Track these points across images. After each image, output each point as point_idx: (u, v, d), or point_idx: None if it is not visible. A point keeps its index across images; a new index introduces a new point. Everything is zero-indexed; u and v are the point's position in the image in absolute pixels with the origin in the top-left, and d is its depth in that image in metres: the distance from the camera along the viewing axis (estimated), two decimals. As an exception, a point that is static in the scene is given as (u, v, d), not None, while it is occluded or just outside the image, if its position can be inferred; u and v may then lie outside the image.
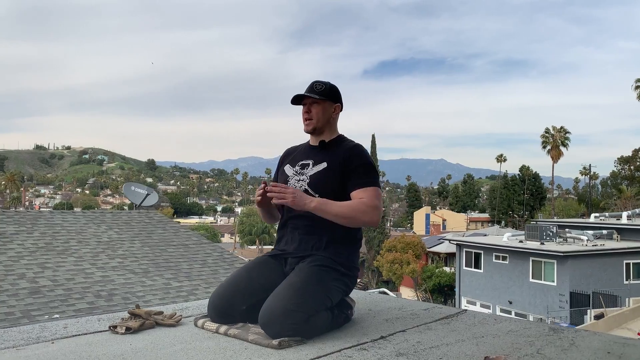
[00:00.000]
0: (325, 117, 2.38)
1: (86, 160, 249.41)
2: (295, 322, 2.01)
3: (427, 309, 2.77)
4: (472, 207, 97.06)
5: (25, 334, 2.11)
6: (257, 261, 2.40)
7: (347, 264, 2.29)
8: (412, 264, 33.12)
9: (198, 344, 2.03)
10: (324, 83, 2.40)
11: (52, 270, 7.40)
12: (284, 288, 2.09)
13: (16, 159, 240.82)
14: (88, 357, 1.84)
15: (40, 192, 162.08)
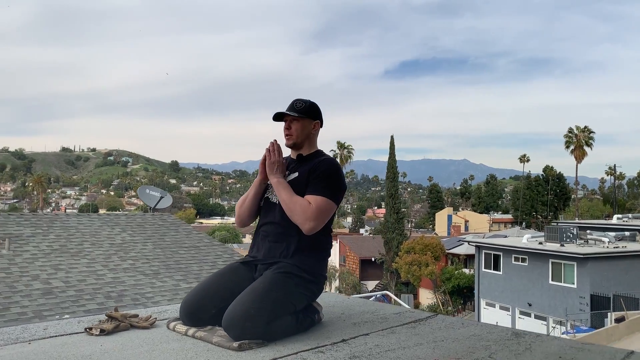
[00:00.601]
0: (304, 133, 2.52)
1: (111, 162, 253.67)
2: (255, 326, 2.12)
3: (398, 313, 2.85)
4: (495, 208, 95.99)
5: (6, 335, 2.25)
6: (228, 267, 2.52)
7: (312, 271, 2.39)
8: (430, 266, 32.97)
9: (164, 345, 2.15)
10: (304, 101, 2.54)
11: (64, 272, 7.64)
12: (246, 293, 2.20)
13: (43, 161, 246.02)
14: (58, 357, 1.97)
15: (66, 193, 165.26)
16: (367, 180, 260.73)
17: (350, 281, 40.60)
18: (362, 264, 44.07)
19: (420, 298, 37.97)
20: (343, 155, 70.09)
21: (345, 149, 70.58)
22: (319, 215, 2.31)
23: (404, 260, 33.93)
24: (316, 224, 2.31)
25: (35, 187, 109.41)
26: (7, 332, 2.30)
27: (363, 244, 46.70)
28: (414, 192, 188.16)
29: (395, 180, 43.35)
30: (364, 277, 43.75)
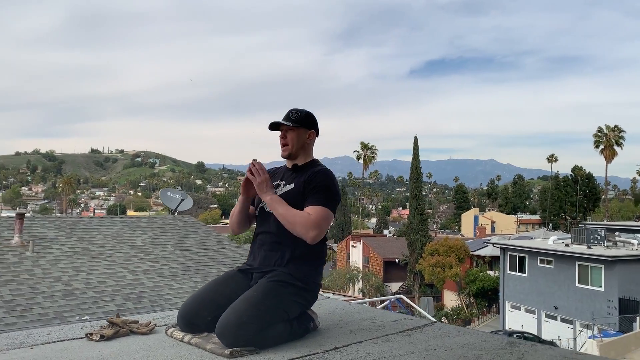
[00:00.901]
0: (299, 143, 2.55)
1: (139, 163, 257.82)
2: (248, 333, 2.17)
3: (397, 320, 2.86)
4: (522, 209, 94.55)
5: (10, 339, 2.35)
6: (225, 275, 2.57)
7: (306, 279, 2.42)
8: (454, 268, 32.67)
9: (160, 351, 2.21)
10: (299, 111, 2.57)
11: (85, 274, 7.82)
12: (240, 301, 2.25)
13: (73, 163, 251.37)
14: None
15: (95, 194, 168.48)
16: (392, 181, 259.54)
17: (374, 282, 40.46)
18: (386, 265, 43.88)
19: (445, 300, 37.65)
20: (367, 155, 69.97)
21: (369, 149, 70.44)
22: (320, 225, 2.35)
23: (428, 262, 33.69)
24: (318, 232, 2.35)
25: (65, 188, 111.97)
26: (13, 336, 2.39)
27: (386, 245, 46.51)
28: (440, 193, 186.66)
29: (419, 181, 43.09)
30: (387, 278, 43.57)
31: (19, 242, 8.24)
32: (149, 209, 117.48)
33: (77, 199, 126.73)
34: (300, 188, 2.47)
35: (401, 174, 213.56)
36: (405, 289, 42.11)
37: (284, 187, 2.52)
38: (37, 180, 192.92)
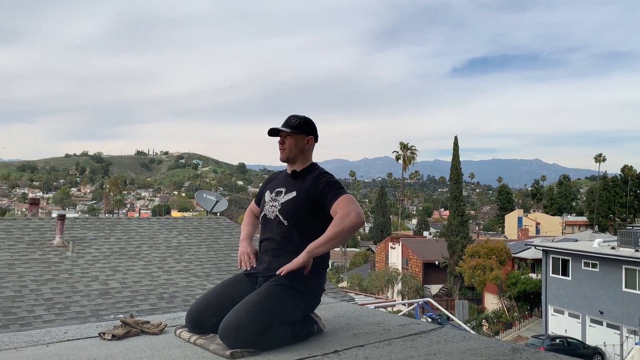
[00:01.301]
0: (297, 148, 2.61)
1: (182, 165, 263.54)
2: (247, 335, 2.24)
3: (404, 324, 2.88)
4: (568, 210, 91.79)
5: (29, 337, 2.49)
6: (233, 278, 2.66)
7: (307, 283, 2.47)
8: (495, 270, 32.03)
9: (166, 351, 2.31)
10: (299, 117, 2.62)
11: (122, 273, 8.10)
12: (241, 304, 2.33)
13: (119, 164, 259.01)
14: (67, 359, 2.17)
15: (141, 195, 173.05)
16: (434, 181, 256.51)
17: (413, 284, 40.12)
18: (425, 267, 43.44)
19: (486, 303, 36.97)
20: (406, 156, 69.38)
21: (408, 149, 69.83)
22: (350, 211, 2.36)
23: (468, 264, 33.16)
24: (356, 216, 2.35)
25: (112, 189, 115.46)
26: (32, 334, 2.54)
27: (426, 247, 46.04)
28: (483, 194, 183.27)
29: (459, 182, 42.49)
30: (427, 280, 43.13)
31: (60, 242, 8.60)
32: (192, 209, 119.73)
33: (124, 200, 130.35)
34: (302, 195, 2.52)
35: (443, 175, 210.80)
36: (445, 292, 41.57)
37: (286, 194, 2.58)
38: (85, 182, 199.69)
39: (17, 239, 8.55)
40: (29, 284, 7.14)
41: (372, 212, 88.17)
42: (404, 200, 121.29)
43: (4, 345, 2.36)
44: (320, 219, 2.47)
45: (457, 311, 16.60)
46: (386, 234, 61.09)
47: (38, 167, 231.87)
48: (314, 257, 2.39)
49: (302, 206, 2.51)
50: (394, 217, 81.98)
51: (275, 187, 2.67)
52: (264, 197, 2.70)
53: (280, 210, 2.55)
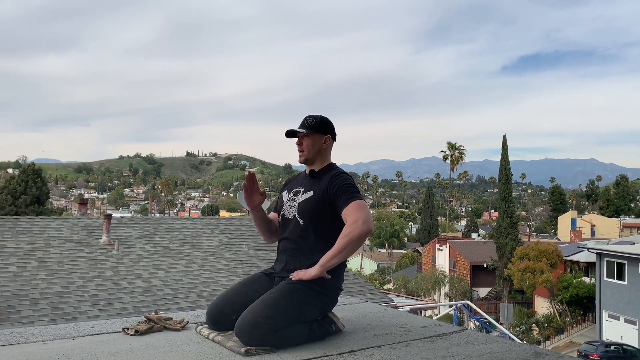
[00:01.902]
0: (315, 148, 2.62)
1: (230, 166, 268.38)
2: (262, 333, 2.26)
3: (426, 326, 2.83)
4: (626, 212, 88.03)
5: (58, 330, 2.59)
6: (251, 277, 2.68)
7: (324, 284, 2.47)
8: (546, 273, 31.04)
9: (184, 347, 2.35)
10: (314, 117, 2.62)
11: (164, 272, 8.31)
12: (257, 302, 2.35)
13: (171, 166, 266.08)
14: (90, 352, 2.25)
15: (191, 195, 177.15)
16: (483, 182, 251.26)
17: (460, 287, 39.40)
18: (473, 269, 42.56)
19: (536, 307, 35.89)
20: (454, 156, 68.21)
21: (456, 149, 68.62)
22: (359, 219, 2.36)
23: (517, 266, 32.28)
24: (365, 223, 2.35)
25: (163, 190, 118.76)
26: (60, 328, 2.64)
27: (474, 249, 45.11)
28: (535, 195, 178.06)
29: (509, 182, 41.43)
30: (475, 283, 42.25)
31: (107, 241, 8.90)
32: (240, 209, 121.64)
33: (175, 200, 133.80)
34: (319, 195, 2.52)
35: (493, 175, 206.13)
36: (494, 295, 40.62)
37: (304, 194, 2.58)
38: (138, 182, 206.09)
39: (66, 237, 8.91)
40: (76, 281, 7.43)
41: (419, 213, 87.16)
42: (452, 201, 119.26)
43: (33, 338, 2.46)
44: (336, 220, 2.46)
45: (501, 315, 16.11)
46: (433, 235, 60.26)
47: (94, 169, 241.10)
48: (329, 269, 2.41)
49: (319, 205, 2.51)
50: (441, 219, 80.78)
51: (294, 187, 2.68)
52: (282, 197, 2.71)
53: (298, 209, 2.56)
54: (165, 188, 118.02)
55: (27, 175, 36.87)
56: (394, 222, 63.24)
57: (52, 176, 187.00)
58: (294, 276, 2.38)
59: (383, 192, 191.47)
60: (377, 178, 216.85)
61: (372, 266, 55.34)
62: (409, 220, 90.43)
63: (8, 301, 6.77)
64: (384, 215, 66.62)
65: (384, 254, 62.17)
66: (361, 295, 8.66)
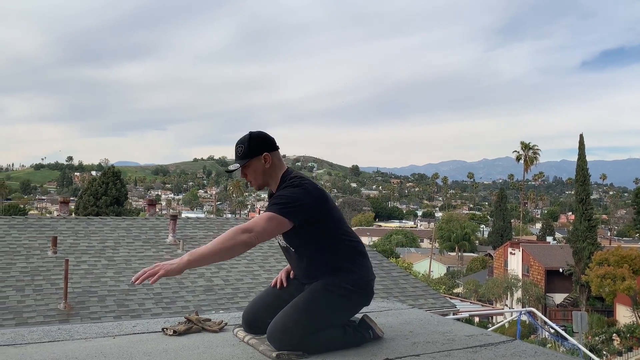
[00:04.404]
0: (259, 173, 2.43)
1: (299, 168, 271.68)
2: (293, 338, 2.21)
3: (471, 335, 2.69)
4: None
5: (101, 329, 2.66)
6: (287, 280, 2.65)
7: (355, 282, 2.38)
8: (628, 280, 29.17)
9: (218, 349, 2.35)
10: (242, 143, 2.40)
11: (226, 271, 8.48)
12: (288, 306, 2.31)
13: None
14: (127, 351, 2.29)
15: (260, 197, 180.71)
16: (560, 183, 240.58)
17: (534, 293, 37.83)
18: (548, 274, 40.73)
19: (617, 316, 33.82)
20: (527, 156, 65.58)
21: (530, 149, 65.92)
22: (250, 228, 2.18)
23: (595, 272, 30.54)
24: (251, 237, 2.17)
25: (235, 191, 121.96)
26: (103, 326, 2.71)
27: (549, 253, 43.17)
28: (617, 196, 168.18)
29: (586, 183, 39.30)
30: (550, 289, 40.43)
31: (173, 240, 9.20)
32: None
33: (245, 201, 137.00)
34: None
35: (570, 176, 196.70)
36: (570, 301, 38.68)
37: None
38: (211, 184, 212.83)
39: (134, 237, 9.29)
40: (142, 279, 7.72)
41: (491, 215, 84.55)
42: (527, 203, 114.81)
43: (77, 335, 2.54)
44: (312, 227, 2.33)
45: (574, 323, 15.16)
46: (506, 238, 58.16)
47: (170, 171, 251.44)
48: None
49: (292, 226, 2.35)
50: (515, 221, 77.93)
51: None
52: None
53: (282, 237, 2.44)
54: (237, 189, 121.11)
55: (107, 177, 38.85)
56: (464, 225, 61.67)
57: (132, 178, 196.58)
58: (155, 271, 2.13)
59: (453, 194, 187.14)
60: (447, 179, 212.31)
61: (442, 269, 54.18)
62: (480, 223, 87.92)
63: (79, 297, 7.14)
64: (454, 218, 65.10)
65: (454, 257, 60.75)
66: (422, 299, 8.45)
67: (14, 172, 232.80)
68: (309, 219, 2.30)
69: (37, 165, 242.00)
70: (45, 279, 7.46)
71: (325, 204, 2.37)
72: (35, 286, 7.26)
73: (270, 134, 2.52)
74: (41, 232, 9.05)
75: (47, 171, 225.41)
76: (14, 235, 8.75)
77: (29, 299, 6.88)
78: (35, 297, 6.97)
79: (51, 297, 7.00)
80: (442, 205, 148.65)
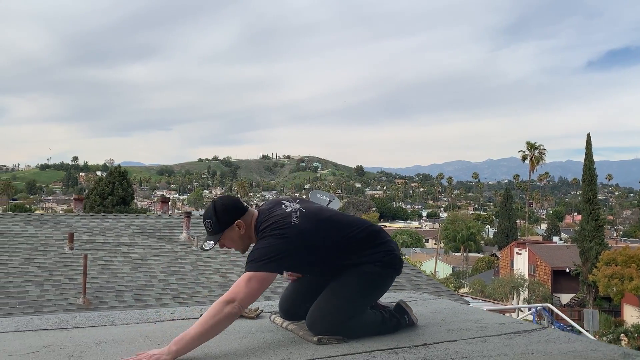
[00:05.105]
0: (237, 240, 2.38)
1: (303, 168, 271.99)
2: (332, 324, 2.27)
3: (503, 323, 2.74)
4: None
5: (141, 315, 2.72)
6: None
7: (381, 259, 2.42)
8: (635, 280, 29.12)
9: (259, 334, 2.41)
10: (210, 218, 2.30)
11: (240, 267, 8.54)
12: (325, 292, 2.37)
13: (246, 168, 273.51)
14: (170, 335, 2.34)
15: (265, 196, 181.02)
16: (566, 184, 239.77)
17: (541, 293, 37.78)
18: (555, 274, 40.70)
19: (625, 316, 33.74)
20: (533, 156, 65.49)
21: (536, 149, 65.84)
22: (231, 299, 2.12)
23: (603, 272, 30.50)
24: (235, 307, 2.12)
25: (239, 191, 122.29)
26: (143, 313, 2.77)
27: (556, 253, 43.12)
28: (623, 197, 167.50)
29: (593, 183, 39.21)
30: (556, 289, 40.38)
31: (187, 237, 9.27)
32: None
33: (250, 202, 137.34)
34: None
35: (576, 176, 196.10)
36: (577, 302, 38.60)
37: None
38: (216, 184, 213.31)
39: (149, 234, 9.36)
40: (158, 275, 7.79)
41: (496, 216, 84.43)
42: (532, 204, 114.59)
43: (119, 321, 2.60)
44: (313, 256, 2.34)
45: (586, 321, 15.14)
46: (512, 238, 58.06)
47: (174, 171, 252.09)
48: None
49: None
50: (520, 222, 77.78)
51: None
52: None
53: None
54: (241, 189, 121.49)
55: (114, 177, 38.98)
56: (469, 225, 61.61)
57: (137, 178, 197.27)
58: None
59: (458, 194, 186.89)
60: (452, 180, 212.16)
61: (447, 270, 54.15)
62: (485, 223, 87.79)
63: (97, 292, 7.22)
64: (459, 218, 65.04)
65: (460, 257, 60.68)
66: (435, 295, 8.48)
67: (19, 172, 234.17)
68: (300, 259, 2.29)
69: (43, 165, 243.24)
70: (63, 275, 7.55)
71: (311, 236, 2.27)
72: (53, 281, 7.36)
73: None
74: (57, 229, 9.15)
75: (53, 171, 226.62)
76: (30, 232, 8.86)
77: (48, 294, 6.97)
78: (54, 291, 7.06)
79: (70, 292, 7.09)
80: (446, 206, 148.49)
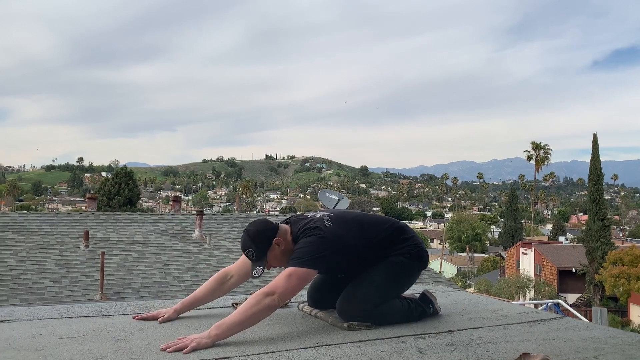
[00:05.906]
0: (280, 257, 2.50)
1: (307, 168, 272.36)
2: (361, 311, 2.38)
3: (523, 312, 2.84)
4: None
5: (163, 305, 2.84)
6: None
7: (408, 252, 2.56)
8: (642, 280, 29.09)
9: (290, 321, 2.53)
10: (249, 247, 2.44)
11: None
12: (355, 281, 2.48)
13: (250, 168, 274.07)
14: (206, 323, 2.46)
15: (269, 197, 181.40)
16: (571, 184, 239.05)
17: (547, 292, 37.78)
18: (561, 274, 40.67)
19: (631, 315, 33.68)
20: (539, 156, 65.42)
21: (542, 149, 65.76)
22: (272, 291, 2.25)
23: (610, 272, 30.48)
24: (275, 299, 2.24)
25: (244, 192, 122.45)
26: (171, 302, 2.89)
27: (562, 253, 43.08)
28: (629, 197, 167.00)
29: (600, 183, 39.17)
30: (562, 289, 40.34)
31: (199, 235, 9.39)
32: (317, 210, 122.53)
33: (254, 202, 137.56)
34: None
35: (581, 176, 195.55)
36: (583, 301, 38.56)
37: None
38: (220, 185, 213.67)
39: (162, 232, 9.49)
40: (172, 272, 7.91)
41: (501, 216, 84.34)
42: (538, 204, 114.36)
43: (154, 309, 2.72)
44: (345, 255, 2.45)
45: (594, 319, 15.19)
46: (517, 239, 58.04)
47: (179, 172, 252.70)
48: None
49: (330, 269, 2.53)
50: (526, 222, 77.66)
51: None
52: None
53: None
54: (246, 190, 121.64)
55: (120, 178, 39.22)
56: (475, 225, 61.57)
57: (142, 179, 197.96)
58: (186, 344, 2.04)
59: (463, 195, 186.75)
60: (457, 180, 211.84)
61: (452, 270, 54.16)
62: (491, 224, 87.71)
63: (113, 289, 7.35)
64: (464, 218, 65.01)
65: (465, 257, 60.65)
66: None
67: (25, 173, 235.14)
68: (338, 258, 2.41)
69: (48, 166, 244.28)
70: (80, 272, 7.68)
71: (345, 236, 2.41)
72: (71, 278, 7.49)
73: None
74: (72, 227, 9.29)
75: (58, 172, 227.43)
76: (46, 230, 9.00)
77: (67, 290, 7.10)
78: (72, 288, 7.19)
79: (87, 289, 7.22)
80: (451, 206, 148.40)
